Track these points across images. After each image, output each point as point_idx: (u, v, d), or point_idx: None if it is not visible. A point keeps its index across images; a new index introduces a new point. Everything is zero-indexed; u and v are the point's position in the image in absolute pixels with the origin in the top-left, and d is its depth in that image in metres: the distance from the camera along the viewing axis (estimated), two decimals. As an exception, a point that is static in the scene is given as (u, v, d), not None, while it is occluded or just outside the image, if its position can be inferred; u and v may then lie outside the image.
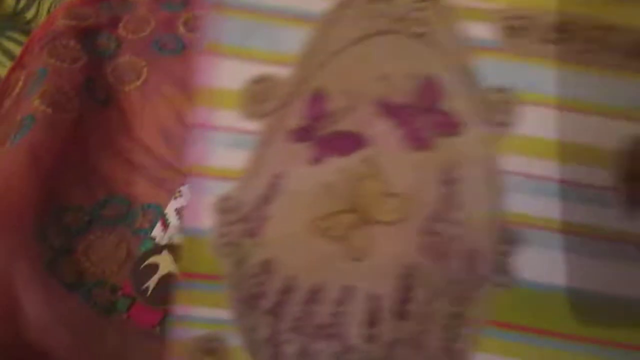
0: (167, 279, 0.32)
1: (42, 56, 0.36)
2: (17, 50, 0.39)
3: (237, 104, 0.26)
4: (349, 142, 0.26)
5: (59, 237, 0.32)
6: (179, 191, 0.35)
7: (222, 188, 0.27)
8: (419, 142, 0.26)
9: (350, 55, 0.26)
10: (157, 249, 0.33)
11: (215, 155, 0.27)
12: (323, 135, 0.26)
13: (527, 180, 0.26)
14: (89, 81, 0.37)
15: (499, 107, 0.27)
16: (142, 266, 0.32)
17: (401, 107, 0.26)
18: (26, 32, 0.40)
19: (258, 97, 0.26)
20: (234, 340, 0.27)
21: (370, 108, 0.26)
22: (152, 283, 0.32)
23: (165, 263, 0.32)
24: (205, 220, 0.27)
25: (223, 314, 0.27)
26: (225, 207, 0.27)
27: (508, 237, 0.27)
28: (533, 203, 0.26)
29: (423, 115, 0.26)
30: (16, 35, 0.40)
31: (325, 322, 0.26)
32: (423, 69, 0.26)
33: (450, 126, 0.26)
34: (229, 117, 0.26)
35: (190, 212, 0.27)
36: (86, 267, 0.32)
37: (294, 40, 0.26)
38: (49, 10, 0.41)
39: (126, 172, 0.36)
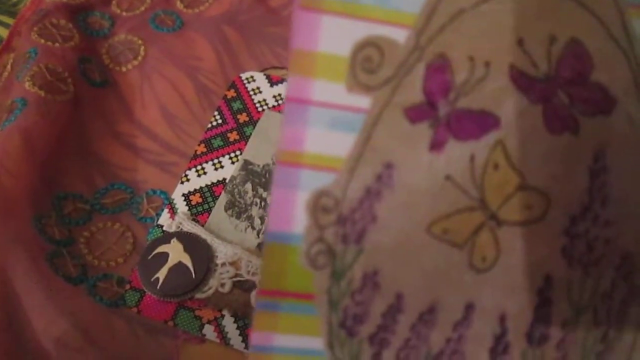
0: (177, 269, 0.30)
1: (31, 36, 0.35)
2: (4, 33, 0.37)
3: (341, 73, 0.21)
4: (477, 123, 0.21)
5: (59, 228, 0.31)
6: (186, 175, 0.34)
7: (318, 180, 0.21)
8: (561, 123, 0.21)
9: (477, 15, 0.21)
10: (166, 238, 0.31)
11: (312, 139, 0.21)
12: (446, 113, 0.21)
13: None
14: (83, 62, 0.36)
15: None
16: (150, 256, 0.30)
17: (540, 79, 0.21)
18: (13, 15, 0.39)
19: (368, 65, 0.20)
20: None
21: (502, 80, 0.21)
22: (162, 274, 0.30)
23: (175, 252, 0.31)
24: (296, 222, 0.21)
25: (314, 342, 0.22)
26: (321, 205, 0.21)
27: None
28: None
29: (567, 90, 0.21)
30: (3, 18, 0.38)
31: (441, 350, 0.22)
32: (567, 31, 0.21)
33: (600, 103, 0.21)
34: (330, 90, 0.21)
35: (276, 213, 0.21)
36: (89, 260, 0.31)
37: None
38: (36, -8, 0.39)
39: (128, 157, 0.35)
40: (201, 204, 0.33)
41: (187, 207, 0.33)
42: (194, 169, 0.34)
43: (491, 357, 0.22)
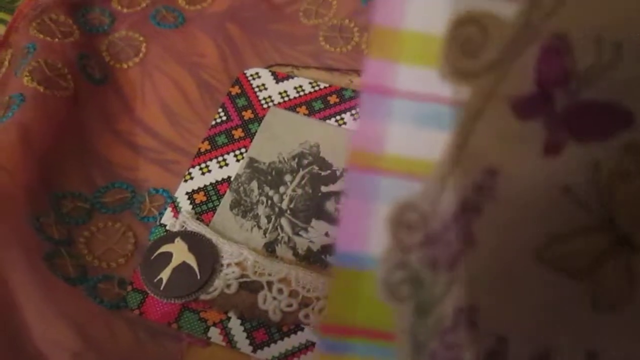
0: (181, 269, 0.29)
1: (29, 32, 0.34)
2: (1, 30, 0.36)
3: (434, 56, 0.17)
4: (604, 120, 0.17)
5: (58, 228, 0.30)
6: (189, 173, 0.33)
7: (402, 190, 0.17)
8: None
9: None
10: (170, 237, 0.30)
11: (395, 137, 0.17)
12: (564, 108, 0.17)
13: None
14: (83, 58, 0.35)
15: None
16: (153, 256, 0.29)
17: None
18: (11, 11, 0.38)
19: (467, 47, 0.17)
20: None
21: (638, 66, 0.16)
22: (165, 275, 0.29)
23: (179, 252, 0.30)
24: (373, 242, 0.17)
25: None
26: (406, 221, 0.17)
27: None
28: None
29: None
30: (1, 15, 0.38)
31: None
32: None
33: None
34: (419, 77, 0.17)
35: (348, 229, 0.17)
36: (89, 261, 0.30)
37: None
38: (34, -11, 0.38)
39: (128, 156, 0.34)
40: (205, 203, 0.32)
41: (191, 206, 0.32)
42: (197, 167, 0.33)
43: None
